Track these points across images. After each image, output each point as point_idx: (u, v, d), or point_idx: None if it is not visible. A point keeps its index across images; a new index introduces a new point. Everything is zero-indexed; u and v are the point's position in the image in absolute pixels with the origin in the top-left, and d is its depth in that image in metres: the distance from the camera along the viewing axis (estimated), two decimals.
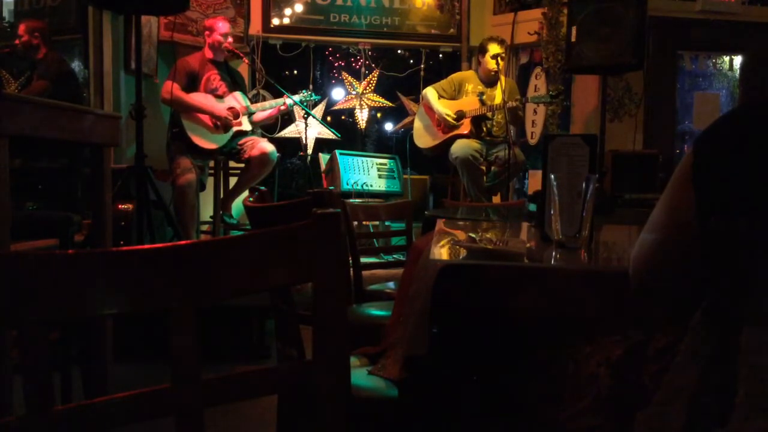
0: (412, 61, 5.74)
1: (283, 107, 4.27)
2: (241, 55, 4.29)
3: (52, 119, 1.71)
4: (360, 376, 1.18)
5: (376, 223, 3.45)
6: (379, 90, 5.40)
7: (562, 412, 0.80)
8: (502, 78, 4.22)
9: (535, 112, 4.86)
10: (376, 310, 1.84)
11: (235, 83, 4.21)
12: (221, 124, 3.98)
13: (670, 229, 0.70)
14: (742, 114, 0.66)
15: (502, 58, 4.22)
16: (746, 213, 0.61)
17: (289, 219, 0.68)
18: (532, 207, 1.62)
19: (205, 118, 3.95)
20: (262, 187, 1.59)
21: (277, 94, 4.60)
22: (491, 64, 4.23)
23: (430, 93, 4.37)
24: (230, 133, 4.03)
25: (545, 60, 4.66)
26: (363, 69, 5.42)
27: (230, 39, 4.12)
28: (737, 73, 5.26)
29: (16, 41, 3.80)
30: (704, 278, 0.67)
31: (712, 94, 5.12)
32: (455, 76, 4.49)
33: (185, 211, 3.82)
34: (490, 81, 4.33)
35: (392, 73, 5.54)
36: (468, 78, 4.42)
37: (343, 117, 5.98)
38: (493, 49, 4.24)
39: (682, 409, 0.63)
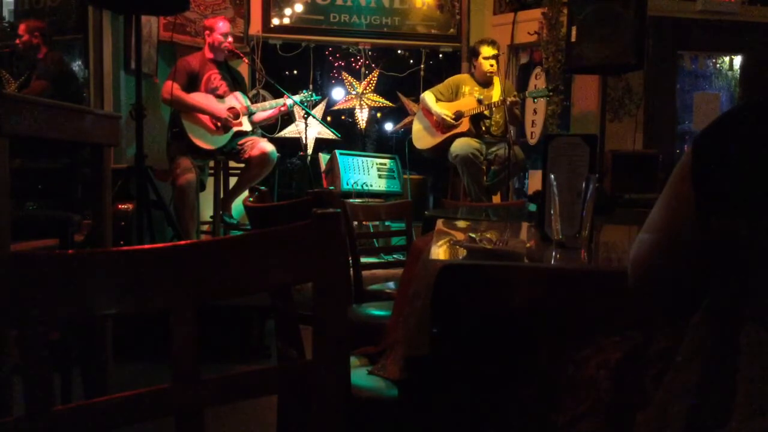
0: (412, 61, 5.74)
1: (283, 108, 4.27)
2: (241, 55, 4.29)
3: (52, 119, 1.71)
4: (360, 376, 1.18)
5: (376, 223, 3.45)
6: (379, 90, 5.40)
7: (561, 415, 0.80)
8: (497, 78, 4.27)
9: (534, 112, 4.86)
10: (376, 310, 1.84)
11: (235, 83, 4.21)
12: (221, 125, 3.98)
13: (669, 229, 0.70)
14: (742, 112, 0.66)
15: (495, 58, 4.26)
16: (747, 212, 0.60)
17: (289, 219, 0.68)
18: (532, 207, 1.62)
19: (205, 118, 3.95)
20: (262, 187, 1.59)
21: (277, 94, 4.60)
22: (485, 66, 4.29)
23: (427, 97, 4.40)
24: (230, 134, 4.03)
25: (545, 60, 4.66)
26: (363, 69, 5.42)
27: (230, 39, 4.12)
28: (737, 73, 5.26)
29: (17, 41, 3.80)
30: (704, 278, 0.67)
31: (712, 94, 5.12)
32: (451, 79, 4.52)
33: (185, 211, 3.82)
34: (485, 82, 4.36)
35: (392, 73, 5.54)
36: (464, 80, 4.45)
37: (343, 117, 5.98)
38: (485, 51, 4.29)
39: (682, 409, 0.63)
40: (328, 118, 5.60)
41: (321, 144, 5.09)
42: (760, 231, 0.59)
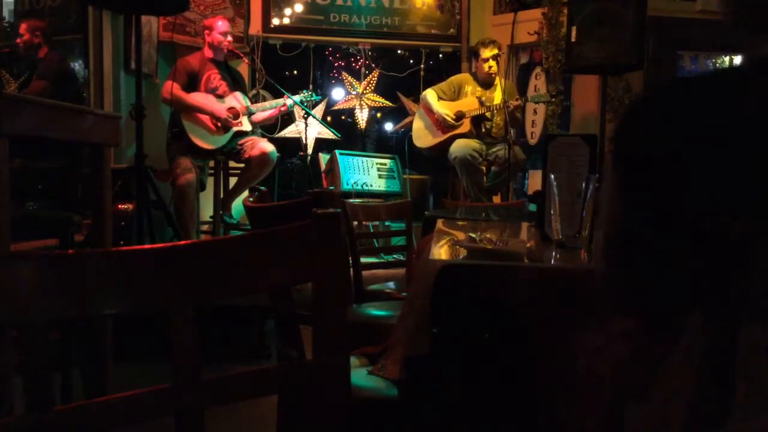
0: (412, 61, 5.73)
1: (283, 108, 4.27)
2: (241, 55, 4.29)
3: (52, 119, 1.71)
4: (360, 376, 1.18)
5: (376, 223, 3.46)
6: (379, 90, 5.40)
7: (560, 414, 0.80)
8: (499, 79, 4.26)
9: (535, 112, 4.86)
10: (376, 310, 1.84)
11: (235, 83, 4.21)
12: (221, 125, 3.98)
13: (607, 222, 0.70)
14: (655, 95, 0.65)
15: (495, 58, 4.25)
16: (670, 198, 0.60)
17: (289, 219, 0.68)
18: (532, 207, 1.63)
19: (205, 118, 3.95)
20: (262, 187, 1.59)
21: (277, 94, 4.60)
22: (485, 68, 4.27)
23: (429, 95, 4.39)
24: (230, 134, 4.03)
25: (545, 60, 4.66)
26: (363, 69, 5.42)
27: (230, 38, 4.12)
28: None
29: (18, 40, 3.80)
30: (699, 275, 0.67)
31: None
32: (454, 78, 4.51)
33: (185, 211, 3.82)
34: (487, 83, 4.35)
35: (392, 73, 5.54)
36: (466, 80, 4.44)
37: (343, 117, 5.98)
38: (484, 53, 4.29)
39: (682, 408, 0.63)
40: (328, 118, 5.60)
41: (321, 144, 5.09)
42: (759, 230, 0.59)
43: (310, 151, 4.81)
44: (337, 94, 5.77)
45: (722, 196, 0.58)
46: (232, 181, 4.33)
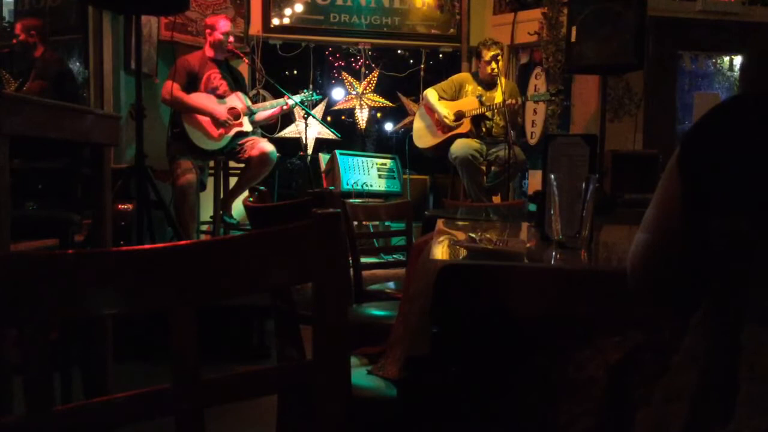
0: (412, 61, 5.73)
1: (285, 107, 4.27)
2: (241, 55, 4.28)
3: (52, 119, 1.71)
4: (360, 376, 1.18)
5: (376, 223, 3.45)
6: (379, 90, 5.40)
7: (560, 415, 0.80)
8: (502, 79, 4.25)
9: (535, 112, 4.85)
10: (376, 310, 1.84)
11: (236, 82, 4.20)
12: (222, 126, 3.98)
13: (660, 227, 0.70)
14: (729, 107, 0.65)
15: (497, 60, 4.24)
16: (737, 208, 0.60)
17: (289, 219, 0.68)
18: (532, 207, 1.62)
19: (206, 119, 3.95)
20: (262, 187, 1.59)
21: (277, 94, 4.60)
22: (488, 69, 4.27)
23: (430, 94, 4.39)
24: (231, 134, 4.03)
25: (545, 60, 4.66)
26: (363, 69, 5.42)
27: (231, 38, 4.12)
28: (737, 73, 5.25)
29: (14, 41, 3.80)
30: (702, 276, 0.67)
31: (712, 94, 5.11)
32: (455, 77, 4.51)
33: (185, 211, 3.82)
34: (489, 83, 4.35)
35: (392, 73, 5.54)
36: (468, 80, 4.44)
37: (343, 117, 5.97)
38: (486, 54, 4.28)
39: (683, 409, 0.63)
40: (328, 118, 5.60)
41: (321, 144, 5.09)
42: (760, 230, 0.59)
43: (310, 151, 4.81)
44: (337, 94, 5.77)
45: None
46: (232, 181, 4.32)
